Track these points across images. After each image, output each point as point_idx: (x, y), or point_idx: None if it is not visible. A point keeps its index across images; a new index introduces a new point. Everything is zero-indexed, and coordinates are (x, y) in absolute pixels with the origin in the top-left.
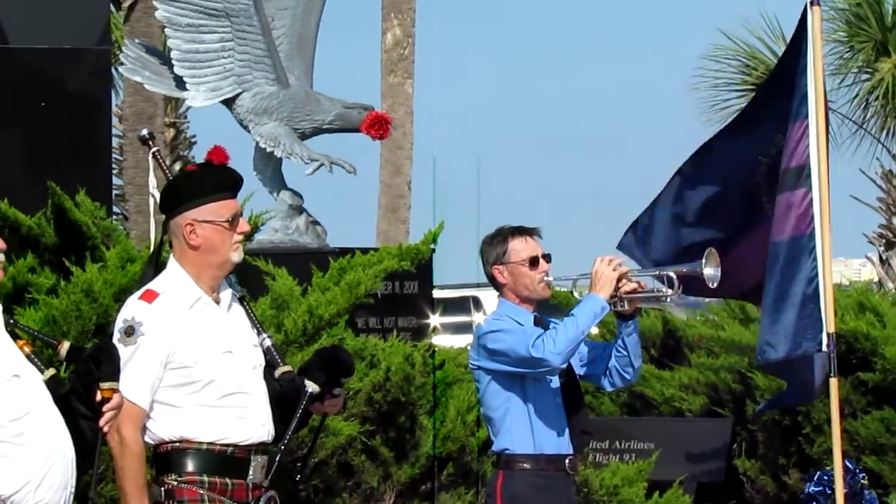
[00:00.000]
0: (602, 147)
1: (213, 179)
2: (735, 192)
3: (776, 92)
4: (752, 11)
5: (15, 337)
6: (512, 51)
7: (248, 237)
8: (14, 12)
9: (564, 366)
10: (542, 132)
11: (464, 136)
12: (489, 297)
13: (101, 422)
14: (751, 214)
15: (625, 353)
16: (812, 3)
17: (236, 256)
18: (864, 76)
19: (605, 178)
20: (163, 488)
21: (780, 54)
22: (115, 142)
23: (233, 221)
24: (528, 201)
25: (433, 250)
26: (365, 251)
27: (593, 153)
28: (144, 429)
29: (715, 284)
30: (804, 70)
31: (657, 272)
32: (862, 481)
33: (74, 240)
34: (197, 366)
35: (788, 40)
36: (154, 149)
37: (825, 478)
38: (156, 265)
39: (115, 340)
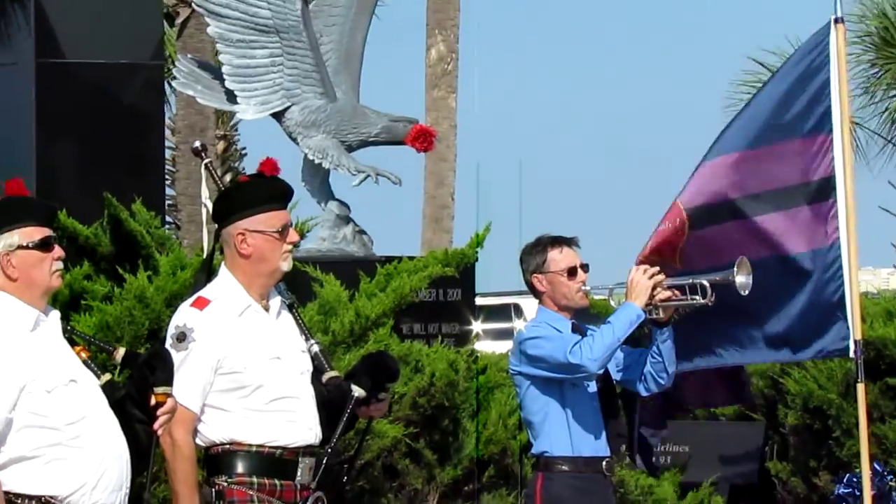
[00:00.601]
0: (641, 158)
1: (265, 190)
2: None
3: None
4: (781, 40)
5: (72, 343)
6: (557, 64)
7: (296, 245)
8: (72, 29)
9: (601, 371)
10: (585, 143)
11: (507, 146)
12: (530, 304)
13: (156, 425)
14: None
15: (660, 359)
16: (836, 22)
17: (286, 265)
18: (892, 94)
19: (645, 188)
20: (214, 489)
21: None
22: (167, 153)
23: (283, 231)
24: (569, 211)
25: (476, 257)
26: (411, 258)
27: (633, 164)
28: (196, 432)
29: (747, 292)
30: (826, 84)
31: (690, 280)
32: (890, 483)
33: (129, 248)
34: (246, 371)
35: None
36: (206, 160)
37: (854, 480)
38: (208, 273)
39: (167, 346)
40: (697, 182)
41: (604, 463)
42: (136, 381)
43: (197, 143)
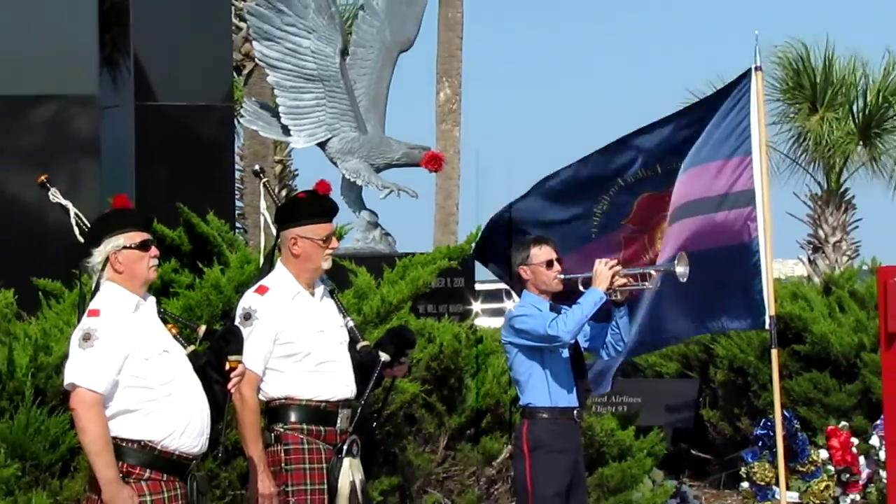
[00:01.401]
0: None
1: (316, 206)
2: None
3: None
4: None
5: (164, 321)
6: (539, 102)
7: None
8: (162, 77)
9: (573, 341)
10: (563, 158)
11: (498, 167)
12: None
13: (229, 385)
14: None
15: (618, 331)
16: (756, 69)
17: (326, 264)
18: (797, 124)
19: None
20: (273, 434)
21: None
22: (237, 175)
23: (326, 240)
24: None
25: (474, 249)
26: (423, 254)
27: None
28: (259, 389)
29: (685, 279)
30: (747, 117)
31: (641, 270)
32: (796, 426)
33: (205, 248)
34: (297, 342)
35: (722, 90)
36: (264, 180)
37: (768, 423)
38: (270, 266)
39: (236, 323)
40: (662, 193)
41: (575, 412)
42: (214, 351)
43: (257, 167)
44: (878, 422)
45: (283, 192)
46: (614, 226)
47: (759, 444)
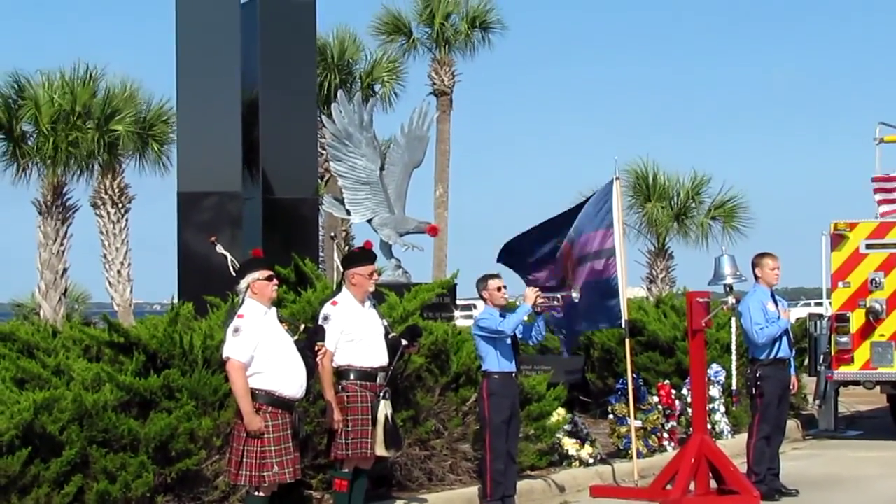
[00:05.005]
0: None
1: (365, 256)
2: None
3: (584, 216)
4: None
5: (280, 321)
6: (509, 193)
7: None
8: (277, 179)
9: (512, 334)
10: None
11: (472, 234)
12: (481, 304)
13: (317, 359)
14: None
15: (539, 329)
16: (616, 178)
17: (371, 289)
18: (638, 210)
19: None
20: (340, 385)
21: None
22: (320, 237)
23: (371, 275)
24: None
25: (455, 283)
26: (426, 284)
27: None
28: (332, 360)
29: (578, 300)
30: (610, 205)
31: (551, 295)
32: (640, 383)
33: (303, 279)
34: (354, 332)
35: (598, 191)
36: (336, 240)
37: (624, 381)
38: (339, 289)
39: (320, 322)
40: (571, 249)
41: (513, 374)
42: (308, 339)
43: (332, 234)
44: (687, 381)
45: (346, 248)
46: (552, 256)
47: (619, 393)
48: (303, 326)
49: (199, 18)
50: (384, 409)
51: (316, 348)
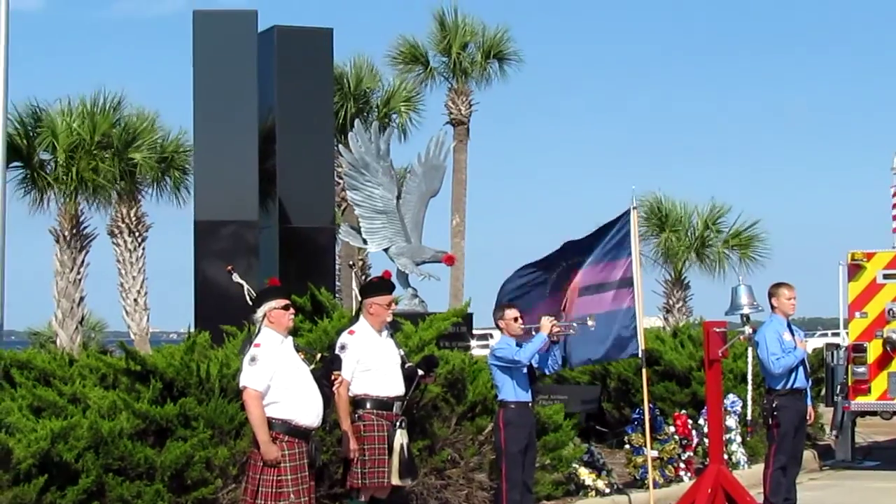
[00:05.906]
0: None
1: (383, 285)
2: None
3: (601, 243)
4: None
5: (297, 350)
6: (524, 222)
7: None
8: (293, 208)
9: (528, 363)
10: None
11: (487, 263)
12: (497, 334)
13: (334, 388)
14: (558, 283)
15: (555, 357)
16: (634, 208)
17: (389, 319)
18: (653, 240)
19: None
20: (356, 414)
21: None
22: (337, 266)
23: (389, 305)
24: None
25: (470, 312)
26: (442, 313)
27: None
28: (348, 390)
29: (593, 329)
30: (628, 235)
31: (567, 323)
32: (656, 413)
33: (319, 308)
34: (370, 361)
35: (613, 220)
36: (353, 270)
37: (640, 411)
38: (356, 319)
39: (336, 351)
40: (581, 277)
41: (530, 404)
42: (324, 368)
43: (350, 262)
44: (703, 411)
45: (364, 277)
46: (558, 290)
47: (635, 423)
48: (319, 355)
49: (217, 48)
50: (400, 438)
51: (332, 377)
